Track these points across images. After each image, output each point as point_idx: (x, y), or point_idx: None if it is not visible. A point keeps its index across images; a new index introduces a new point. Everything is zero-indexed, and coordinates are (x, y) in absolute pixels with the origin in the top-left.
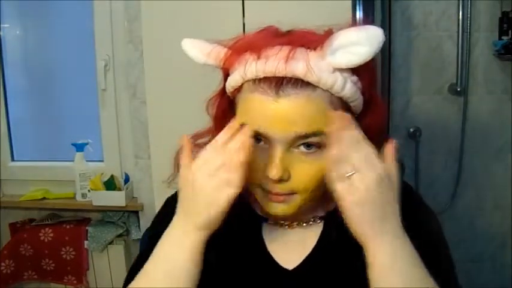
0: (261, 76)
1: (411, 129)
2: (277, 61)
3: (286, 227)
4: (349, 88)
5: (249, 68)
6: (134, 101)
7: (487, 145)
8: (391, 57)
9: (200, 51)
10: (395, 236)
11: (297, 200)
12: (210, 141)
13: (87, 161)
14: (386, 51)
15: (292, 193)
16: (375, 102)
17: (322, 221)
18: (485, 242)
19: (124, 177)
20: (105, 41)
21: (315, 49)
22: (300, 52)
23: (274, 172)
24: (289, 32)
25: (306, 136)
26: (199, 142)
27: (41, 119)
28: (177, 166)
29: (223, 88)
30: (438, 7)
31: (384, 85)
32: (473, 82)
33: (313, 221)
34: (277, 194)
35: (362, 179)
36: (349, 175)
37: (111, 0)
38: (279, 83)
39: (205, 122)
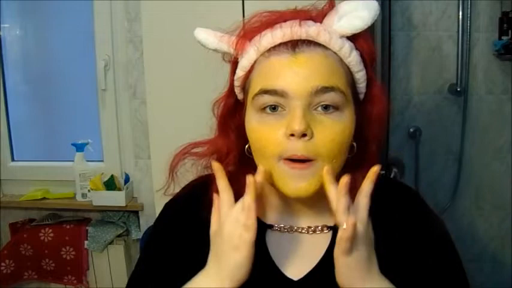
0: (278, 42)
1: (411, 129)
2: (291, 25)
3: (294, 231)
4: (354, 55)
5: (264, 37)
6: (134, 101)
7: (487, 145)
8: (391, 57)
9: (213, 35)
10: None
11: (318, 171)
12: (210, 151)
13: (87, 161)
14: (386, 51)
15: (315, 159)
16: (375, 87)
17: (331, 231)
18: (485, 242)
19: (124, 177)
20: (105, 41)
21: (320, 22)
22: (310, 21)
23: (297, 126)
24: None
25: (324, 91)
26: (196, 151)
27: (41, 119)
28: (172, 173)
29: (231, 87)
30: (438, 7)
31: (384, 85)
32: (473, 82)
33: (321, 229)
34: (301, 160)
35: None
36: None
37: (111, 0)
38: (294, 43)
39: (206, 122)
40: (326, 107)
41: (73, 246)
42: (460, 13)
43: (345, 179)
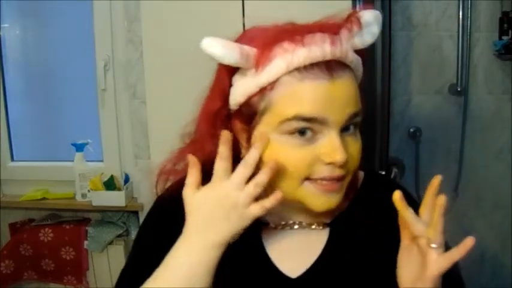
0: (319, 60)
1: (411, 129)
2: (328, 45)
3: (288, 228)
4: (361, 70)
5: (297, 55)
6: (134, 101)
7: (487, 145)
8: (391, 57)
9: (231, 49)
10: None
11: (345, 184)
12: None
13: (87, 161)
14: (386, 51)
15: (346, 174)
16: None
17: (327, 228)
18: (485, 242)
19: (124, 178)
20: (105, 41)
21: (336, 34)
22: (335, 37)
23: (339, 156)
24: (309, 23)
25: (355, 115)
26: (176, 168)
27: (41, 119)
28: (156, 187)
29: (224, 95)
30: (438, 7)
31: (384, 85)
32: (474, 82)
33: (317, 226)
34: (336, 180)
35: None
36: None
37: (111, 0)
38: (329, 67)
39: None
40: (347, 128)
41: (73, 247)
42: (460, 13)
43: (442, 199)
